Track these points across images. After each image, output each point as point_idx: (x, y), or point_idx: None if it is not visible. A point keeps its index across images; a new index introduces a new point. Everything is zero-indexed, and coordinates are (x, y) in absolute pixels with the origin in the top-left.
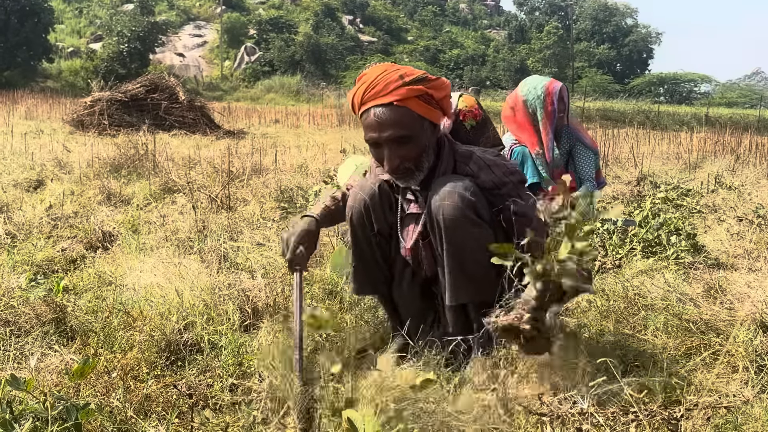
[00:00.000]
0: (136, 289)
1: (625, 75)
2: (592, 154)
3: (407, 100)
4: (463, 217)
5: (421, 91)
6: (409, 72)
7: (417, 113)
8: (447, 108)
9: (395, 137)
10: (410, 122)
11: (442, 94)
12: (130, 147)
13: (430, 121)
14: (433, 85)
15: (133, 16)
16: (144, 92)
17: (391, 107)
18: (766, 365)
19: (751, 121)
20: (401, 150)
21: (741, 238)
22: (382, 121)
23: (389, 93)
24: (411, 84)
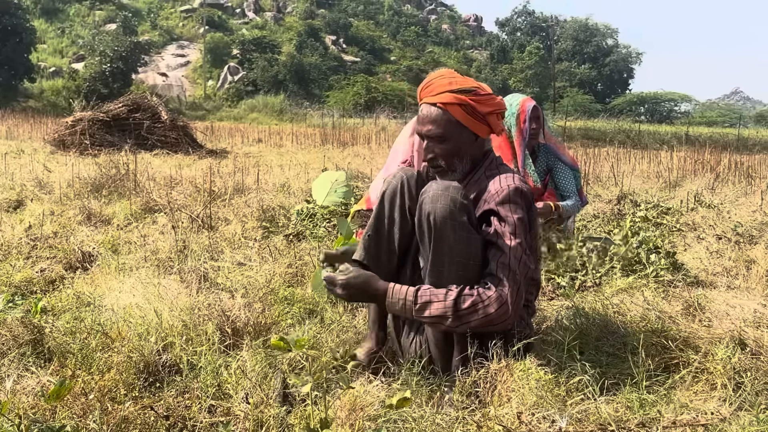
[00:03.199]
0: (114, 309)
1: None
2: (571, 171)
3: (450, 105)
4: (454, 220)
5: (464, 100)
6: (461, 82)
7: (456, 119)
8: (494, 125)
9: (432, 134)
10: (447, 125)
11: (486, 110)
12: (112, 167)
13: (471, 131)
14: (479, 99)
15: (116, 35)
16: (126, 112)
17: (434, 107)
18: (744, 383)
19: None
20: (436, 147)
21: (720, 256)
22: (423, 116)
23: (437, 95)
24: (456, 92)
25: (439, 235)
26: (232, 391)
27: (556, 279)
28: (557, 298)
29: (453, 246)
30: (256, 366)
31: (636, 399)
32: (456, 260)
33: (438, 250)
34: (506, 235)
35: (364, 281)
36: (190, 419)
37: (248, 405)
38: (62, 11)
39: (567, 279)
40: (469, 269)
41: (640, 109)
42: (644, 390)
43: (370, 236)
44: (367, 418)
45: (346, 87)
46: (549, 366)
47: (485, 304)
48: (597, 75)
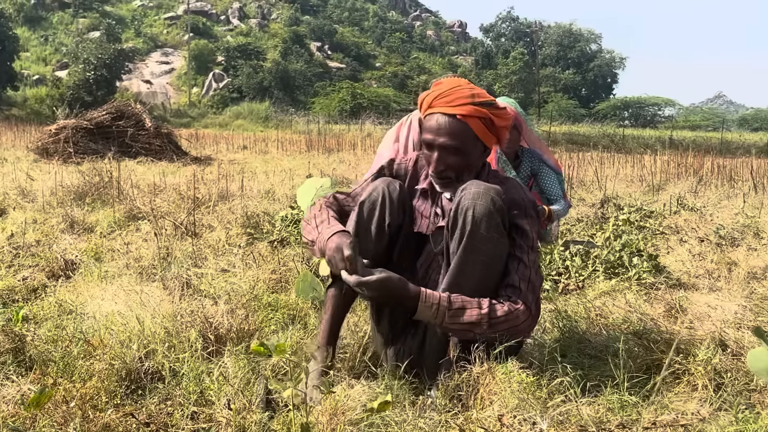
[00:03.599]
0: (96, 317)
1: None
2: (556, 175)
3: (470, 117)
4: (491, 219)
5: (485, 114)
6: (481, 95)
7: (474, 132)
8: (502, 137)
9: (448, 145)
10: (465, 137)
11: (502, 123)
12: (95, 174)
13: (484, 143)
14: (497, 113)
15: (100, 43)
16: (110, 120)
17: (454, 119)
18: (725, 383)
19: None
20: (449, 158)
21: (702, 258)
22: (441, 127)
23: (457, 106)
24: (478, 105)
25: (473, 231)
26: (215, 397)
27: None
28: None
29: (483, 244)
30: (239, 372)
31: (616, 400)
32: (481, 259)
33: (468, 247)
34: (525, 249)
35: (396, 283)
36: (172, 426)
37: (230, 411)
38: (45, 19)
39: (550, 282)
40: (491, 270)
41: (624, 113)
42: (625, 391)
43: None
44: (348, 422)
45: (331, 93)
46: (531, 369)
47: (515, 315)
48: (581, 80)
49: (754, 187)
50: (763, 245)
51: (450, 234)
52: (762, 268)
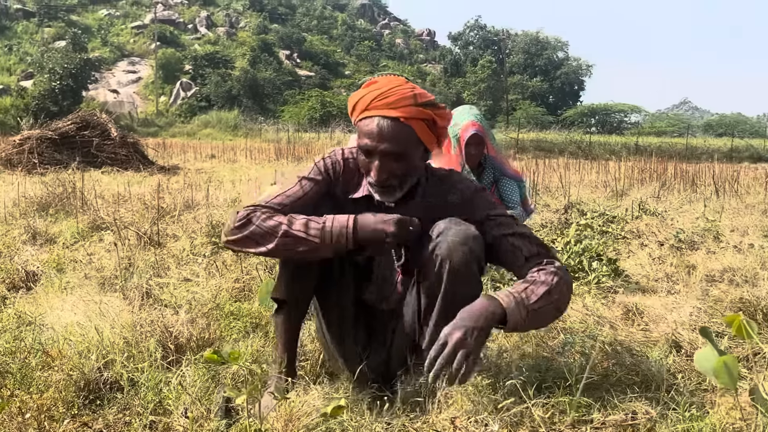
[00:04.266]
0: (55, 328)
1: (558, 106)
2: (516, 184)
3: (413, 120)
4: (468, 269)
5: (429, 115)
6: (423, 94)
7: (417, 135)
8: (442, 138)
9: (391, 152)
10: (408, 142)
11: (443, 124)
12: (58, 185)
13: (426, 146)
14: (440, 114)
15: (65, 53)
16: (75, 129)
17: (397, 122)
18: (677, 383)
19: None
20: (392, 165)
21: (662, 262)
22: (383, 132)
23: (400, 108)
24: (422, 106)
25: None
26: (173, 406)
27: (501, 287)
28: None
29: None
30: (197, 381)
31: (569, 401)
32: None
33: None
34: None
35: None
36: None
37: (187, 419)
38: (9, 28)
39: None
40: None
41: (591, 120)
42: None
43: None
44: (303, 428)
45: (300, 101)
46: (487, 372)
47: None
48: (548, 87)
49: (716, 191)
50: (721, 248)
51: (424, 276)
52: (720, 270)
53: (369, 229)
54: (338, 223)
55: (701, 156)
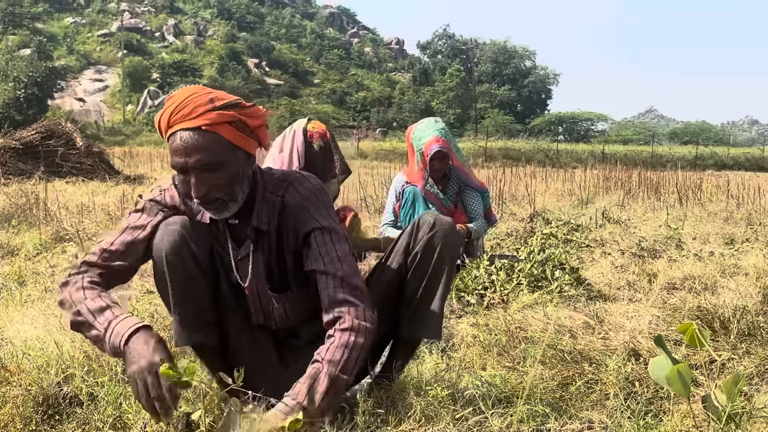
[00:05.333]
0: (14, 342)
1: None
2: (479, 194)
3: (217, 125)
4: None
5: (234, 117)
6: (221, 96)
7: (228, 140)
8: (263, 138)
9: (203, 164)
10: (219, 149)
11: (257, 123)
12: (21, 196)
13: (244, 150)
14: (247, 113)
15: (30, 61)
16: (39, 139)
17: (199, 132)
18: (636, 391)
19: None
20: (210, 178)
21: (624, 270)
22: (188, 145)
23: (198, 116)
24: (222, 109)
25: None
26: (132, 421)
27: (465, 297)
28: (466, 316)
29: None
30: None
31: (527, 411)
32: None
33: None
34: (332, 252)
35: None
36: None
37: None
38: None
39: (476, 296)
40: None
41: (558, 128)
42: (538, 402)
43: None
44: None
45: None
46: (449, 382)
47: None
48: (516, 96)
49: (680, 199)
50: (683, 256)
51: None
52: (680, 278)
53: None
54: (115, 335)
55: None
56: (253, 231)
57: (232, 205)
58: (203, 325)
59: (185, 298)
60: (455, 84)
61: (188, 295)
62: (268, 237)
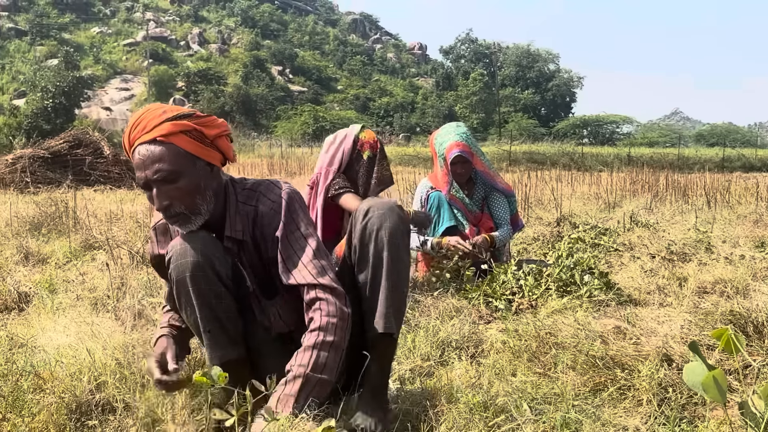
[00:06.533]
0: (47, 350)
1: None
2: (506, 199)
3: (172, 135)
4: (402, 234)
5: (187, 126)
6: (174, 109)
7: (185, 150)
8: (225, 149)
9: (160, 176)
10: (176, 159)
11: (214, 132)
12: (51, 204)
13: (205, 161)
14: (203, 122)
15: (58, 71)
16: (67, 148)
17: (154, 143)
18: (669, 397)
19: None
20: (170, 190)
21: (653, 274)
22: (145, 158)
23: (152, 129)
24: (174, 119)
25: (396, 246)
26: (165, 428)
27: (493, 302)
28: (494, 321)
29: (405, 261)
30: (190, 401)
31: (560, 418)
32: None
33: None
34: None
35: None
36: None
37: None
38: (2, 47)
39: (504, 302)
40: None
41: (583, 132)
42: (571, 409)
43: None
44: None
45: (293, 117)
46: (480, 389)
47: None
48: (540, 99)
49: (708, 202)
50: (713, 260)
51: (359, 257)
52: (711, 282)
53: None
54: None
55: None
56: (230, 241)
57: (195, 218)
58: (234, 339)
59: (214, 316)
60: (478, 88)
61: (217, 312)
62: (247, 246)
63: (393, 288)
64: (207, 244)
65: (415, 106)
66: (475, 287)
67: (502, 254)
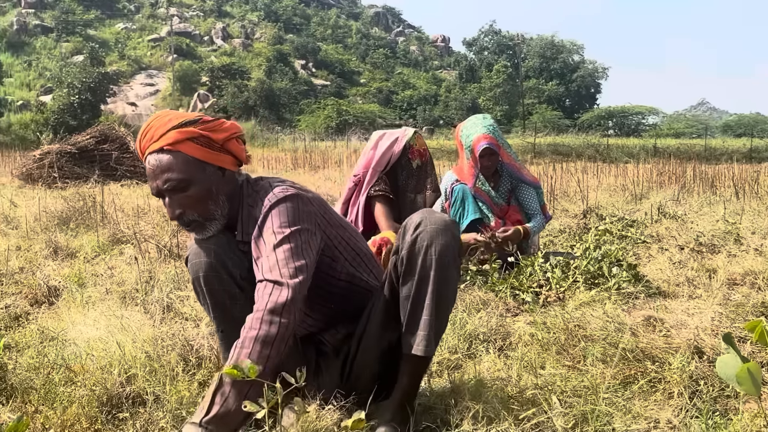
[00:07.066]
0: (78, 343)
1: (575, 110)
2: (534, 190)
3: (179, 143)
4: (453, 254)
5: (194, 133)
6: (180, 116)
7: (193, 157)
8: (237, 151)
9: (171, 183)
10: (185, 167)
11: (222, 136)
12: (78, 199)
13: (216, 166)
14: (209, 127)
15: (83, 67)
16: (94, 143)
17: (162, 152)
18: (700, 390)
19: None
20: (181, 198)
21: (682, 266)
22: (155, 168)
23: (159, 138)
24: (179, 127)
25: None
26: None
27: (521, 295)
28: (522, 314)
29: (453, 280)
30: None
31: (590, 411)
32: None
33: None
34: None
35: None
36: None
37: None
38: (28, 44)
39: (531, 294)
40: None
41: (608, 123)
42: (601, 401)
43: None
44: None
45: (316, 110)
46: (509, 381)
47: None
48: (565, 91)
49: (736, 193)
50: (742, 251)
51: (404, 275)
52: (741, 274)
53: None
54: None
55: (720, 157)
56: (243, 244)
57: (210, 224)
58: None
59: (228, 316)
60: (502, 80)
61: (231, 313)
62: None
63: (436, 309)
64: (221, 245)
65: (438, 98)
66: (502, 280)
67: (529, 247)
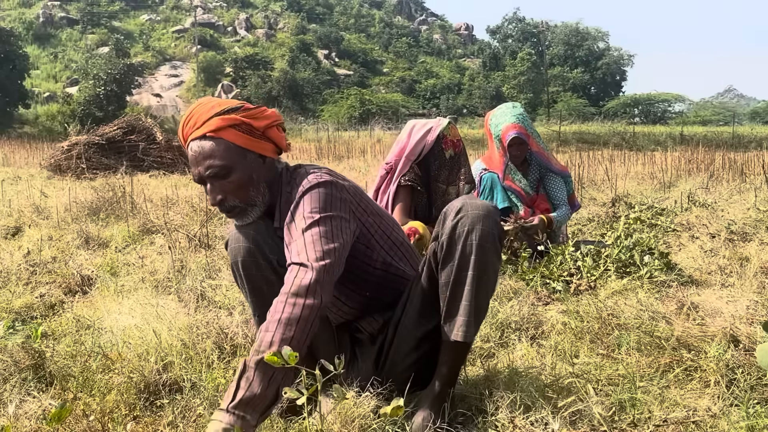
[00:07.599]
0: (114, 331)
1: (600, 98)
2: (562, 179)
3: (221, 130)
4: (495, 239)
5: (236, 120)
6: (223, 103)
7: (234, 144)
8: (278, 139)
9: (213, 170)
10: (226, 154)
11: (264, 123)
12: (108, 190)
13: (257, 153)
14: (251, 114)
15: (109, 58)
16: (121, 134)
17: (205, 139)
18: (737, 378)
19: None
20: (223, 185)
21: (714, 254)
22: (197, 155)
23: (202, 125)
24: (222, 114)
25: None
26: None
27: (551, 284)
28: (553, 303)
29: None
30: None
31: (628, 399)
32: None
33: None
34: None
35: None
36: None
37: None
38: (54, 36)
39: (562, 283)
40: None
41: (634, 110)
42: (637, 390)
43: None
44: (359, 428)
45: (340, 100)
46: (543, 370)
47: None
48: (590, 78)
49: (766, 180)
50: None
51: (443, 261)
52: None
53: None
54: None
55: (749, 144)
56: (280, 231)
57: (251, 210)
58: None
59: (264, 301)
60: (526, 68)
61: (267, 299)
62: None
63: (476, 295)
64: (260, 232)
65: (462, 87)
66: (533, 269)
67: (558, 235)
